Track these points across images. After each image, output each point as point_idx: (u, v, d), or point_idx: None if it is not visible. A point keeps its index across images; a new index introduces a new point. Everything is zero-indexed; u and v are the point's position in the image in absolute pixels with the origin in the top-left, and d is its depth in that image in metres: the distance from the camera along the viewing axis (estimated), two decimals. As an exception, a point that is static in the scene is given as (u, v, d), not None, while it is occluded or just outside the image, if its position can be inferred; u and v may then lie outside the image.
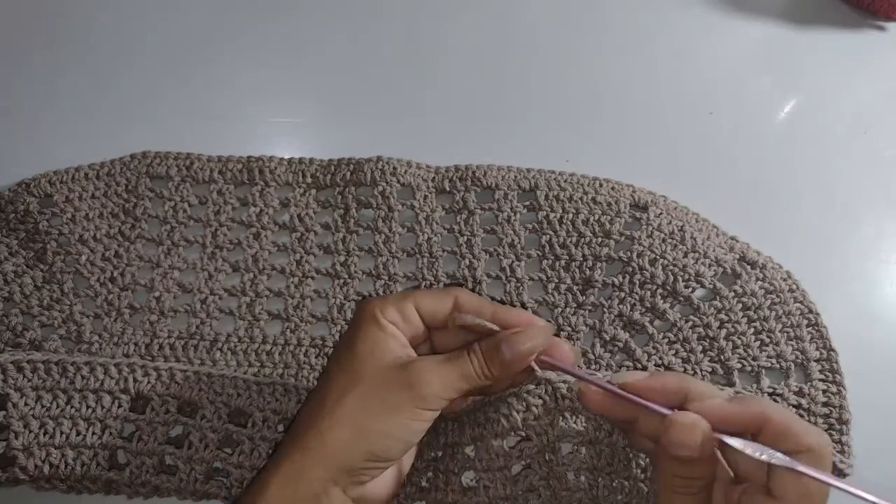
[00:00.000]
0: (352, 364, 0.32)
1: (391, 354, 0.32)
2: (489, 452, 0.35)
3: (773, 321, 0.43)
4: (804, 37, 0.59)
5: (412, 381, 0.31)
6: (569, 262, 0.46)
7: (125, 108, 0.52)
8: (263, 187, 0.48)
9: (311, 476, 0.30)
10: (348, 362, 0.32)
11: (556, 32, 0.58)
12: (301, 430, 0.31)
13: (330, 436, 0.30)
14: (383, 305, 0.33)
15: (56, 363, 0.39)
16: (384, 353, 0.32)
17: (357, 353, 0.32)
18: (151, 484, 0.37)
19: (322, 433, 0.30)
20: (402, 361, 0.31)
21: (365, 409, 0.30)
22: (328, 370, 0.33)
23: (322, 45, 0.56)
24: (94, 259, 0.45)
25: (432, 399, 0.31)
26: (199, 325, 0.44)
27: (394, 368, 0.31)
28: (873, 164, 0.52)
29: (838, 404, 0.41)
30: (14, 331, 0.43)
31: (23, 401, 0.38)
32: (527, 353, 0.32)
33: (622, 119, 0.53)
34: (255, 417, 0.38)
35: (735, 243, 0.46)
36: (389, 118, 0.53)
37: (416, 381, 0.31)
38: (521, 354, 0.31)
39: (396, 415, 0.31)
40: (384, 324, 0.32)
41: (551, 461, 0.35)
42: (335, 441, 0.30)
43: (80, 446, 0.37)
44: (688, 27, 0.59)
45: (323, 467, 0.30)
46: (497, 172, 0.48)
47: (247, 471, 0.37)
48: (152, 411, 0.38)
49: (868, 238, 0.49)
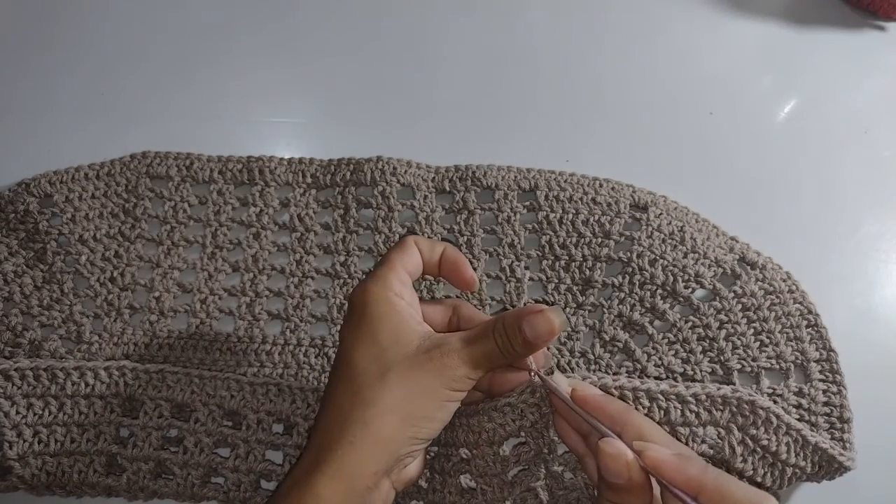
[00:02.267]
0: (380, 355, 0.32)
1: (415, 338, 0.32)
2: (485, 459, 0.35)
3: (773, 322, 0.43)
4: (804, 37, 0.59)
5: (441, 364, 0.31)
6: (569, 262, 0.45)
7: (125, 108, 0.52)
8: (263, 187, 0.48)
9: (364, 471, 0.30)
10: (375, 353, 0.32)
11: (556, 33, 0.58)
12: (339, 425, 0.31)
13: (377, 426, 0.30)
14: (387, 282, 0.33)
15: (45, 369, 0.38)
16: (409, 339, 0.32)
17: (383, 344, 0.32)
18: (150, 488, 0.37)
19: (368, 425, 0.30)
20: (427, 344, 0.32)
21: (405, 396, 0.31)
22: (352, 362, 0.32)
23: (322, 46, 0.56)
24: (94, 259, 0.45)
25: (462, 380, 0.32)
26: (198, 325, 0.44)
27: (421, 353, 0.32)
28: (873, 164, 0.52)
29: (839, 404, 0.41)
30: (14, 331, 0.43)
31: (14, 409, 0.37)
32: (547, 334, 0.32)
33: (622, 119, 0.53)
34: (249, 419, 0.38)
35: (735, 244, 0.46)
36: (389, 118, 0.53)
37: (445, 364, 0.31)
38: (542, 335, 0.32)
39: (433, 398, 0.31)
40: (398, 306, 0.33)
41: (548, 462, 0.35)
42: (384, 431, 0.30)
43: (76, 453, 0.37)
44: (688, 27, 0.59)
45: (374, 460, 0.30)
46: (497, 172, 0.48)
47: (243, 473, 0.37)
48: (146, 415, 0.38)
49: (868, 238, 0.49)
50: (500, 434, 0.34)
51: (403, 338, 0.32)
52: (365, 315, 0.33)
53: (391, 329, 0.32)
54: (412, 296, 0.34)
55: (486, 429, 0.35)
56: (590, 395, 0.33)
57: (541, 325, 0.32)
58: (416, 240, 0.36)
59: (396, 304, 0.33)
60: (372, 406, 0.30)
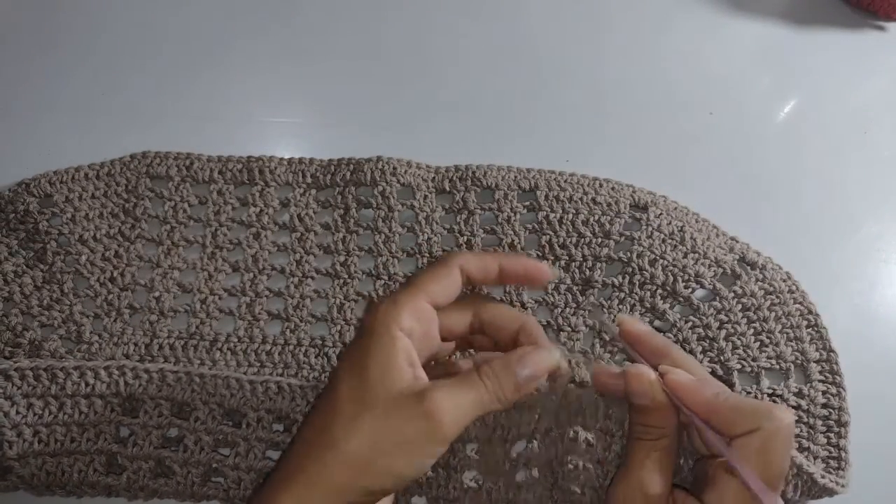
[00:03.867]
0: (363, 387, 0.29)
1: (403, 380, 0.30)
2: (494, 456, 0.35)
3: (773, 322, 0.43)
4: (804, 37, 0.59)
5: (427, 413, 0.29)
6: (569, 262, 0.46)
7: (125, 108, 0.52)
8: (263, 187, 0.48)
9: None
10: (359, 385, 0.30)
11: (556, 33, 0.58)
12: (303, 454, 0.29)
13: (334, 471, 0.28)
14: (398, 313, 0.30)
15: (45, 369, 0.38)
16: (396, 379, 0.29)
17: (368, 378, 0.29)
18: (150, 488, 0.37)
19: (326, 466, 0.29)
20: (415, 389, 0.29)
21: (373, 445, 0.28)
22: (336, 388, 0.30)
23: (322, 46, 0.56)
24: (94, 259, 0.45)
25: (448, 436, 0.29)
26: (198, 325, 0.44)
27: (407, 397, 0.29)
28: (873, 164, 0.52)
29: (837, 406, 0.41)
30: (14, 331, 0.43)
31: (14, 409, 0.37)
32: (541, 373, 0.31)
33: (622, 119, 0.53)
34: (249, 417, 0.38)
35: (735, 244, 0.46)
36: (389, 118, 0.53)
37: (432, 412, 0.28)
38: (534, 376, 0.30)
39: (405, 454, 0.29)
40: (399, 343, 0.30)
41: (557, 473, 0.35)
42: (338, 477, 0.28)
43: (76, 453, 0.37)
44: (688, 27, 0.59)
45: (323, 499, 0.29)
46: (497, 172, 0.48)
47: (243, 472, 0.37)
48: (146, 414, 0.38)
49: (868, 238, 0.49)
50: (513, 433, 0.34)
51: (391, 377, 0.29)
52: (363, 340, 0.30)
53: (381, 364, 0.29)
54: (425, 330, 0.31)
55: (502, 424, 0.34)
56: (635, 330, 0.33)
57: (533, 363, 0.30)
58: (463, 261, 0.32)
59: (398, 340, 0.30)
60: (334, 448, 0.29)
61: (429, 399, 0.29)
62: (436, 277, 0.32)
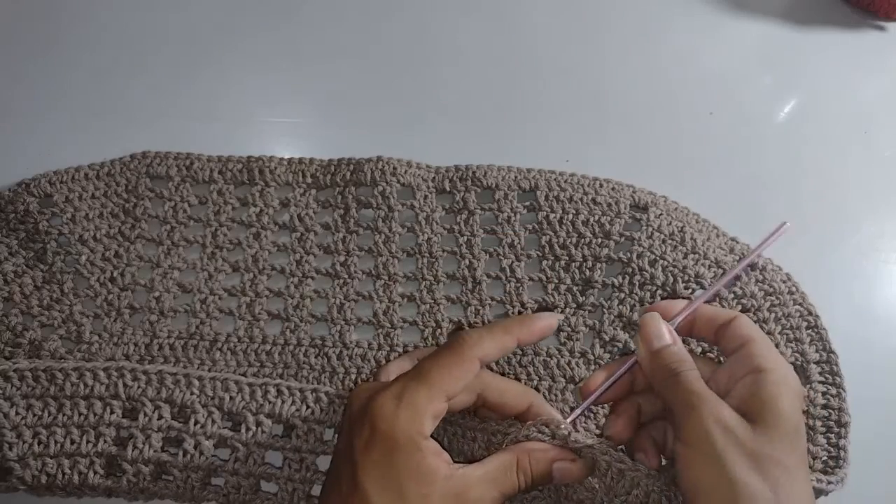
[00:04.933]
0: (397, 492, 0.29)
1: (438, 479, 0.30)
2: None
3: (773, 323, 0.43)
4: (804, 37, 0.59)
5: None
6: (569, 262, 0.46)
7: (125, 108, 0.52)
8: (263, 187, 0.48)
9: None
10: (394, 499, 0.29)
11: (557, 33, 0.58)
12: None
13: None
14: (421, 423, 0.30)
15: (44, 370, 0.38)
16: (432, 481, 0.30)
17: (404, 491, 0.29)
18: (150, 490, 0.37)
19: None
20: (450, 490, 0.30)
21: None
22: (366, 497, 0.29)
23: (322, 46, 0.56)
24: (94, 259, 0.45)
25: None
26: (198, 326, 0.44)
27: (445, 496, 0.30)
28: (873, 164, 0.52)
29: (837, 407, 0.41)
30: (14, 331, 0.43)
31: (13, 410, 0.37)
32: (576, 478, 0.32)
33: (622, 119, 0.53)
34: (248, 421, 0.38)
35: (735, 244, 0.46)
36: (389, 118, 0.53)
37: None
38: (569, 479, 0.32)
39: None
40: (424, 449, 0.30)
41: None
42: None
43: (76, 455, 0.37)
44: (688, 27, 0.59)
45: None
46: (497, 172, 0.48)
47: (242, 476, 0.37)
48: (145, 417, 0.38)
49: (868, 238, 0.49)
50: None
51: (425, 479, 0.29)
52: (389, 455, 0.30)
53: (416, 479, 0.29)
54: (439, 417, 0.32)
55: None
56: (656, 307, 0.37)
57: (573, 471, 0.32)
58: (480, 352, 0.32)
59: (425, 449, 0.30)
60: None
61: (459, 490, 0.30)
62: (452, 374, 0.31)
